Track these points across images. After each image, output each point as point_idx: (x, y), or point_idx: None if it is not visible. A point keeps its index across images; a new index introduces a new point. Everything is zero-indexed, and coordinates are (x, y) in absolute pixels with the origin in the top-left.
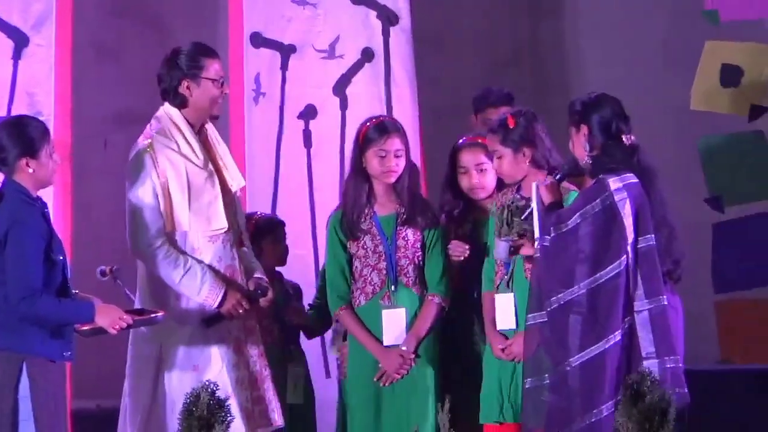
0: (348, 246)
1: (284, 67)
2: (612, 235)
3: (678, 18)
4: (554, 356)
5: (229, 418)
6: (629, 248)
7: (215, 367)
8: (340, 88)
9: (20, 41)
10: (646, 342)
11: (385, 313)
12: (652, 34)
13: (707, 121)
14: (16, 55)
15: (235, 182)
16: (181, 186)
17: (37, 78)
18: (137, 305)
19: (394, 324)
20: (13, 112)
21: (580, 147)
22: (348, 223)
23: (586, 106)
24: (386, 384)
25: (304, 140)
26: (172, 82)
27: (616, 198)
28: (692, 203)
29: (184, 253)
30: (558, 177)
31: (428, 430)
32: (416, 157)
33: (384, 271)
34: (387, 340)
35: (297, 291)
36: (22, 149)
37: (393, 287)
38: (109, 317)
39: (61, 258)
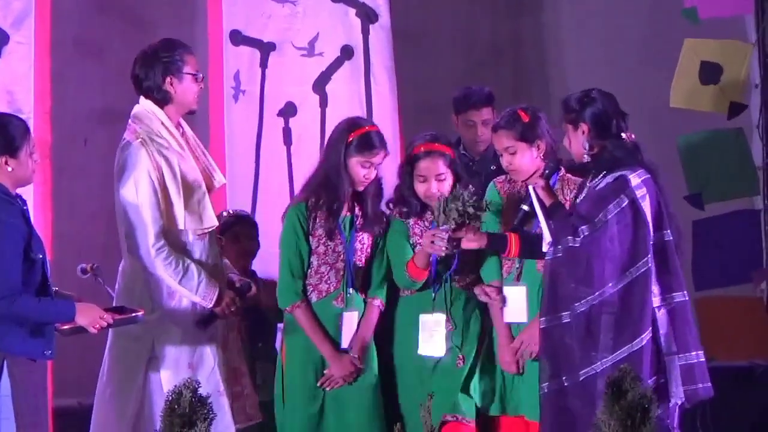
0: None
1: (264, 64)
2: (639, 232)
3: (657, 16)
4: (576, 360)
5: (211, 416)
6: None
7: (208, 365)
8: (320, 85)
9: (0, 39)
10: (666, 339)
11: (345, 315)
12: (632, 32)
13: (687, 118)
14: None
15: (216, 179)
16: (176, 183)
17: (17, 76)
18: (117, 303)
19: (350, 326)
20: None
21: (578, 145)
22: (323, 216)
23: (584, 103)
24: (329, 388)
25: (284, 138)
26: (156, 79)
27: (638, 194)
28: (672, 200)
29: (179, 252)
30: (545, 177)
31: None
32: (395, 155)
33: (341, 272)
34: (345, 343)
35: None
36: (1, 148)
37: (350, 290)
38: (89, 316)
39: (41, 256)
